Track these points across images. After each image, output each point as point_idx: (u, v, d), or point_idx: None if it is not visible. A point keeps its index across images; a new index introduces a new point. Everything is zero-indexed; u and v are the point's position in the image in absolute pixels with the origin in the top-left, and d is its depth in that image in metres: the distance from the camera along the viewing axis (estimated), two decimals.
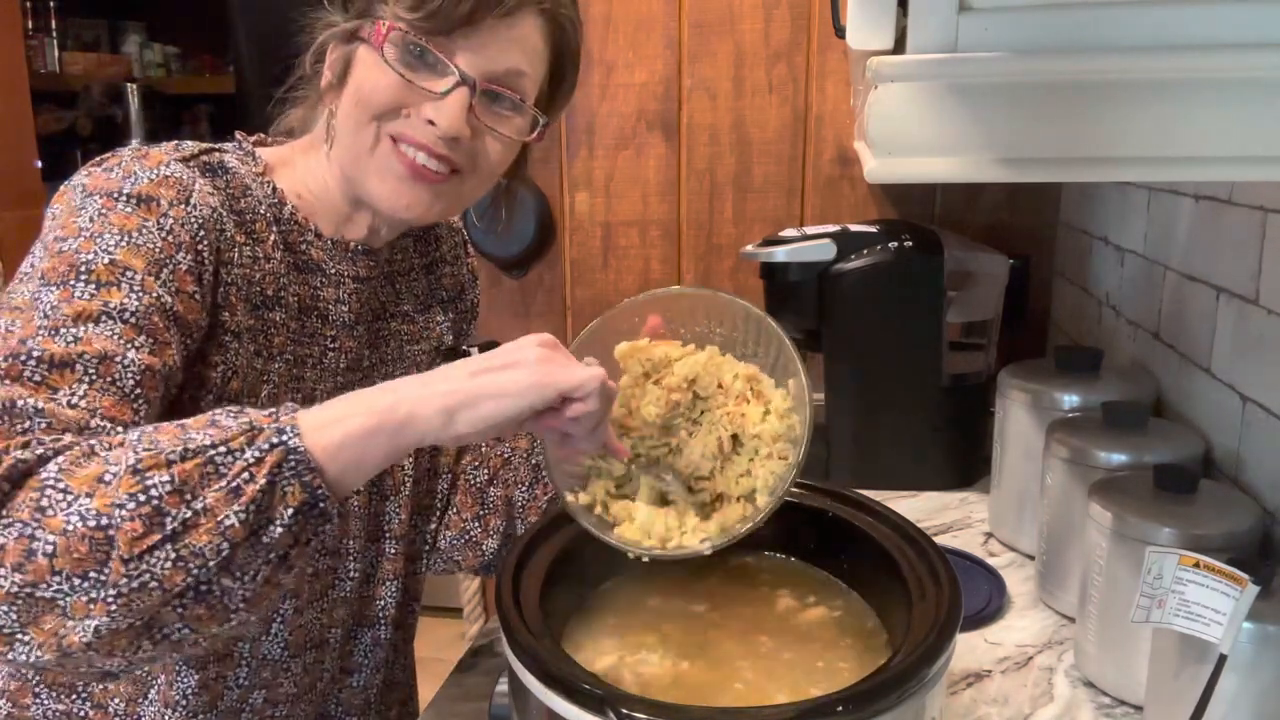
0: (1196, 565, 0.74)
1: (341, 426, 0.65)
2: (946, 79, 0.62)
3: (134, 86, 3.45)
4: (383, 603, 0.98)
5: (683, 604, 0.82)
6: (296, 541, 0.64)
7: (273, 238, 0.86)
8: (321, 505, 0.65)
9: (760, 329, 0.79)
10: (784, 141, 1.86)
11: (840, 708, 0.59)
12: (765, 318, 0.79)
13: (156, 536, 0.60)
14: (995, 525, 1.31)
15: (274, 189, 0.87)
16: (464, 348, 1.06)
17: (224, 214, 0.81)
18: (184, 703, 0.84)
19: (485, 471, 1.06)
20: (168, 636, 0.63)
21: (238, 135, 0.91)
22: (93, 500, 0.60)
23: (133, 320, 0.72)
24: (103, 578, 0.59)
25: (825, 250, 1.42)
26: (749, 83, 1.85)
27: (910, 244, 1.41)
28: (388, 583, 0.98)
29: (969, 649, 1.03)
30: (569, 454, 0.78)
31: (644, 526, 0.76)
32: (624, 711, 0.58)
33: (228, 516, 0.61)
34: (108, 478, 0.61)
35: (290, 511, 0.63)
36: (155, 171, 0.78)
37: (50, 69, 3.26)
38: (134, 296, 0.73)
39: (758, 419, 0.77)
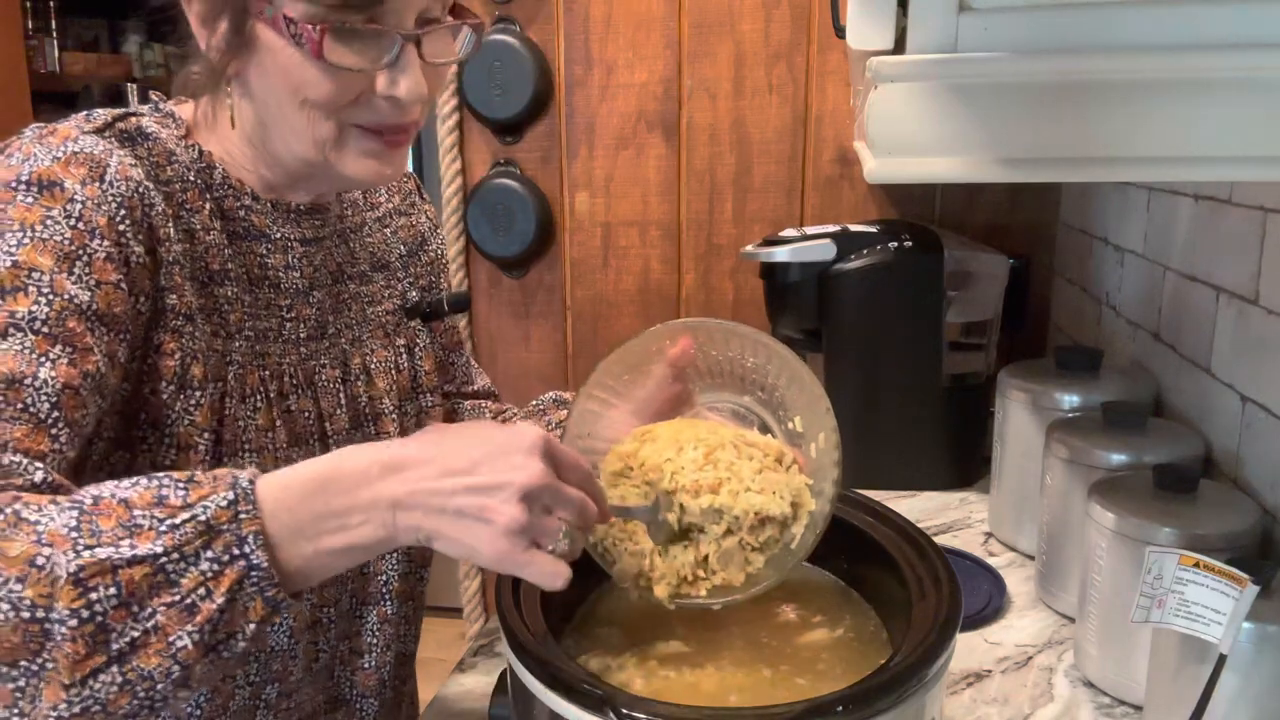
0: (1196, 565, 0.74)
1: (311, 546, 0.61)
2: (946, 79, 0.62)
3: (134, 86, 3.45)
4: (384, 578, 0.94)
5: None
6: (253, 643, 0.61)
7: (207, 207, 0.79)
8: (282, 610, 0.61)
9: (793, 372, 0.77)
10: (784, 141, 1.86)
11: (840, 708, 0.59)
12: (799, 364, 0.77)
13: (101, 659, 0.55)
14: (995, 525, 1.31)
15: (200, 152, 0.80)
16: (432, 301, 0.98)
17: (149, 187, 0.73)
18: (196, 712, 0.81)
19: None
20: None
21: (153, 95, 0.84)
22: (25, 588, 0.55)
23: (44, 330, 0.65)
24: (34, 668, 0.55)
25: (825, 250, 1.42)
26: (749, 83, 1.85)
27: (910, 244, 1.41)
28: (387, 555, 0.93)
29: (969, 649, 1.03)
30: None
31: (660, 573, 0.75)
32: (624, 711, 0.58)
33: (179, 637, 0.57)
34: (40, 562, 0.55)
35: (253, 626, 0.60)
36: (61, 149, 0.70)
37: (50, 69, 3.26)
38: (43, 301, 0.65)
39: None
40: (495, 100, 1.87)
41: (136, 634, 0.56)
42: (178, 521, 0.58)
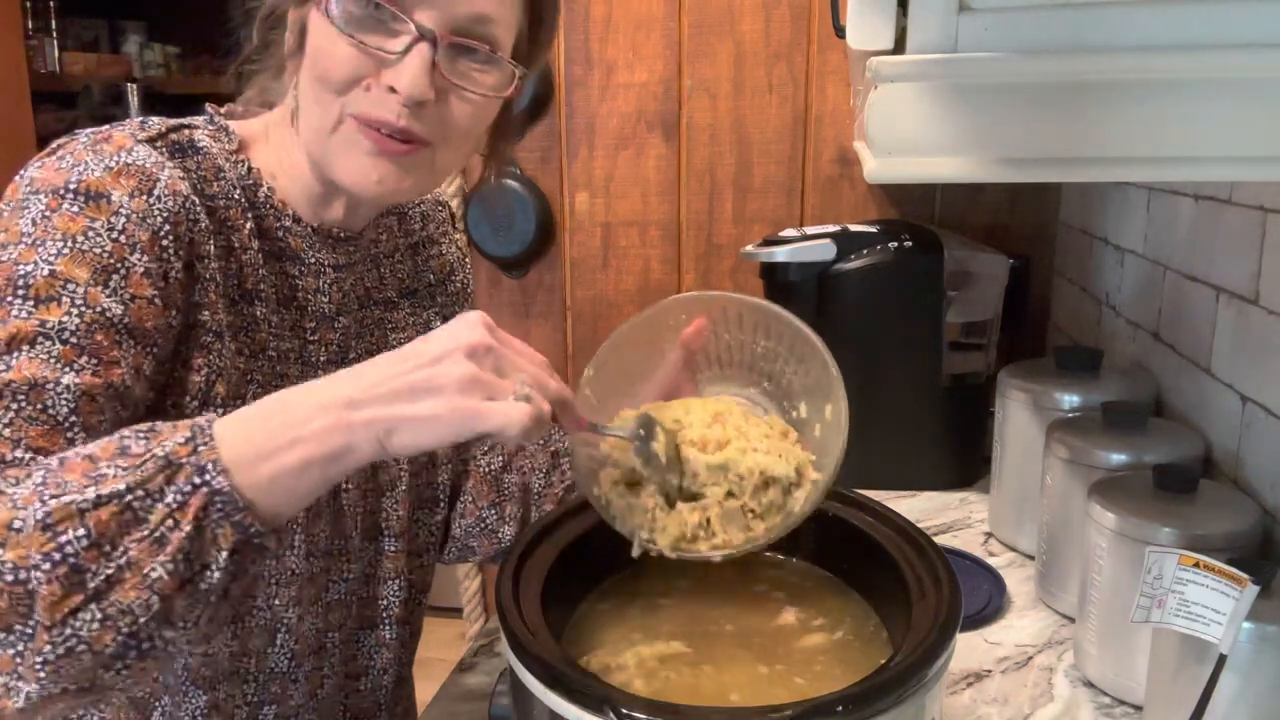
0: (1196, 565, 0.74)
1: (272, 463, 0.61)
2: (946, 79, 0.62)
3: (134, 86, 3.45)
4: (385, 602, 0.94)
5: (682, 605, 0.82)
6: (235, 577, 0.61)
7: (248, 225, 0.79)
8: (257, 540, 0.61)
9: (807, 351, 0.78)
10: (784, 141, 1.86)
11: (840, 708, 0.58)
12: (813, 338, 0.77)
13: (78, 597, 0.56)
14: (995, 525, 1.31)
15: (249, 169, 0.81)
16: None
17: (195, 201, 0.74)
18: None
19: (500, 458, 1.03)
20: (112, 689, 0.60)
21: (208, 108, 0.84)
22: (5, 551, 0.56)
23: (73, 340, 0.66)
24: (28, 632, 0.56)
25: (825, 250, 1.42)
26: (749, 83, 1.85)
27: (910, 244, 1.41)
28: (389, 581, 0.94)
29: (969, 649, 1.03)
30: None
31: (662, 525, 0.76)
32: (624, 711, 0.58)
33: (154, 569, 0.57)
34: (17, 525, 0.57)
35: (225, 554, 0.60)
36: (114, 159, 0.71)
37: (50, 69, 3.26)
38: (75, 313, 0.66)
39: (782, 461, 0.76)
40: None
41: (110, 570, 0.57)
42: (139, 464, 0.59)
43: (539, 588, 0.74)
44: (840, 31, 0.82)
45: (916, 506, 1.40)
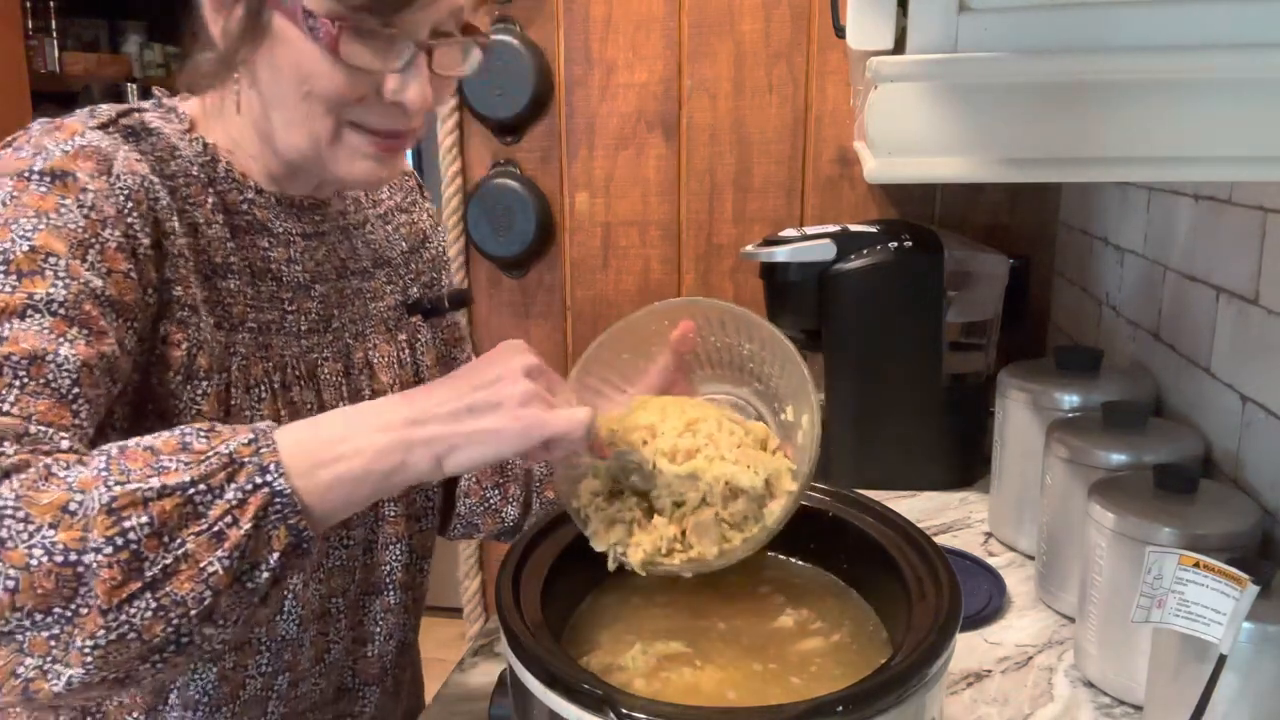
0: (1196, 565, 0.74)
1: (331, 471, 0.63)
2: (946, 79, 0.62)
3: (134, 86, 3.46)
4: (388, 567, 0.95)
5: (682, 605, 0.82)
6: (277, 581, 0.63)
7: (210, 200, 0.80)
8: (305, 545, 0.63)
9: (785, 357, 0.78)
10: (784, 141, 1.86)
11: (840, 708, 0.59)
12: (789, 347, 0.77)
13: (136, 584, 0.57)
14: (995, 525, 1.31)
15: (204, 145, 0.81)
16: (433, 297, 0.99)
17: (154, 181, 0.75)
18: (205, 700, 0.82)
19: None
20: (144, 680, 0.61)
21: (156, 91, 0.85)
22: (57, 532, 0.57)
23: (62, 312, 0.66)
24: (67, 615, 0.57)
25: (825, 250, 1.42)
26: (749, 83, 1.85)
27: (910, 244, 1.41)
28: (391, 546, 0.95)
29: (969, 649, 1.03)
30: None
31: (637, 540, 0.76)
32: (624, 711, 0.58)
33: (211, 563, 0.59)
34: (73, 508, 0.57)
35: (276, 556, 0.61)
36: (70, 143, 0.72)
37: (50, 69, 3.26)
38: (60, 284, 0.67)
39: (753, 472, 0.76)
40: (495, 100, 1.87)
41: (168, 561, 0.58)
42: (202, 459, 0.61)
43: (539, 588, 0.74)
44: (840, 31, 0.82)
45: (916, 506, 1.40)
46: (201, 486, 0.60)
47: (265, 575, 0.61)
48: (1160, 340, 1.25)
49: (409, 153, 2.48)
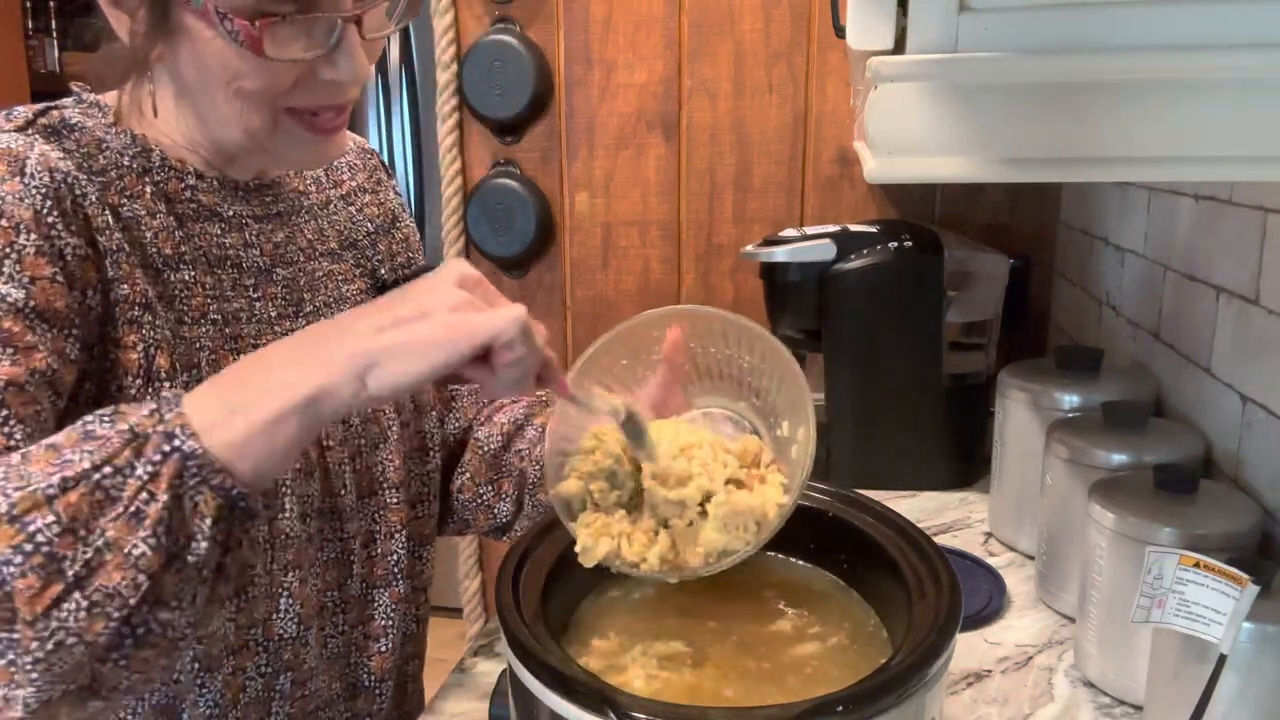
0: (1196, 565, 0.74)
1: (243, 418, 0.58)
2: (946, 79, 0.62)
3: None
4: (394, 558, 0.93)
5: (682, 605, 0.82)
6: (227, 549, 0.59)
7: (148, 190, 0.76)
8: (242, 504, 0.59)
9: (785, 371, 0.77)
10: (784, 141, 1.86)
11: (840, 708, 0.59)
12: (790, 360, 0.76)
13: (58, 587, 0.54)
14: (995, 525, 1.31)
15: (132, 137, 0.77)
16: (397, 276, 0.97)
17: (79, 177, 0.71)
18: (215, 712, 0.80)
19: (499, 439, 1.05)
20: (117, 688, 0.58)
21: (74, 86, 0.81)
22: None
23: None
24: (14, 637, 0.54)
25: (825, 250, 1.42)
26: (749, 83, 1.85)
27: (910, 244, 1.41)
28: (393, 536, 0.93)
29: (969, 649, 1.03)
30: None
31: (625, 551, 0.75)
32: (624, 711, 0.58)
33: (135, 546, 0.55)
34: None
35: (209, 522, 0.57)
36: None
37: (50, 69, 3.26)
38: None
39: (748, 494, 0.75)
40: (495, 100, 1.87)
41: (89, 555, 0.55)
42: (105, 443, 0.57)
43: (539, 588, 0.74)
44: (840, 31, 0.82)
45: (916, 506, 1.40)
46: (107, 469, 0.56)
47: (204, 545, 0.58)
48: (1160, 340, 1.25)
49: (406, 152, 2.48)
